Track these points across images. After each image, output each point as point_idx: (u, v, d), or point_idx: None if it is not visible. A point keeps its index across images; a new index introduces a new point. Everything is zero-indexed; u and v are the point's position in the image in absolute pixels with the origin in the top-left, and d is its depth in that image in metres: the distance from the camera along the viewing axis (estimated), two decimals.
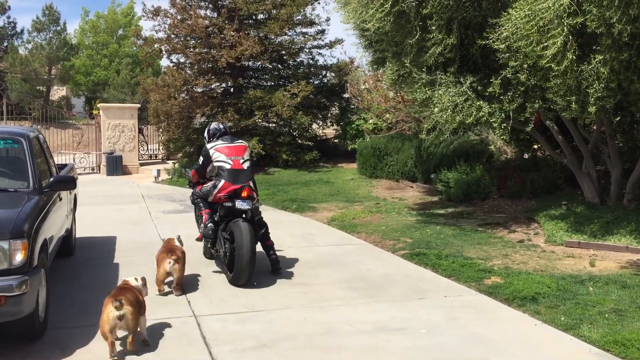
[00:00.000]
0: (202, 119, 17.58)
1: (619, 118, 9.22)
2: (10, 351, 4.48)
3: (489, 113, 7.83)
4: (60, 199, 6.26)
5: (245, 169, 6.57)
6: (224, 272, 6.51)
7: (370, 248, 8.05)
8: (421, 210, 10.63)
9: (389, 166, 14.06)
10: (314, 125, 18.71)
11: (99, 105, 19.67)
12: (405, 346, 4.64)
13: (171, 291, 5.92)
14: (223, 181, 6.45)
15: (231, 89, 18.22)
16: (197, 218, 7.08)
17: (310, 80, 18.16)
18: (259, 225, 6.62)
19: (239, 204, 6.33)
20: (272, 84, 18.22)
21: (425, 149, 12.72)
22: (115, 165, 17.33)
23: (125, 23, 41.92)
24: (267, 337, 4.79)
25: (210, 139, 6.90)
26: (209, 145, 6.74)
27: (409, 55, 8.43)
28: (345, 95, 18.53)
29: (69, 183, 5.93)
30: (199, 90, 17.57)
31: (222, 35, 17.09)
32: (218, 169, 6.57)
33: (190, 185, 7.32)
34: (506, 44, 7.03)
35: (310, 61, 18.70)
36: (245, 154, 6.68)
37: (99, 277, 6.45)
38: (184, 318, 5.23)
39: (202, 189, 6.80)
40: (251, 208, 6.38)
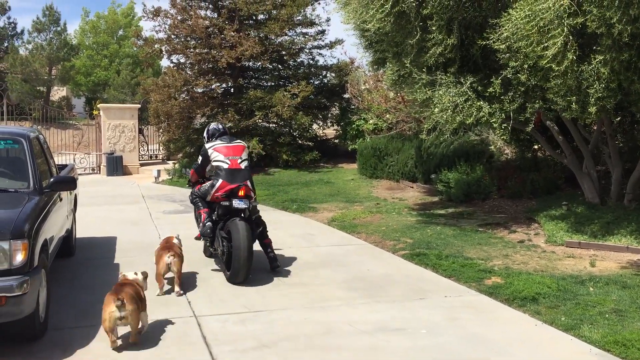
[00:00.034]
0: (203, 120, 17.56)
1: (619, 118, 9.22)
2: (11, 352, 4.48)
3: (489, 113, 7.84)
4: (61, 199, 6.27)
5: (242, 168, 6.63)
6: (223, 270, 6.55)
7: (371, 248, 8.05)
8: (421, 210, 10.63)
9: (389, 166, 14.05)
10: (314, 126, 18.71)
11: (99, 105, 19.67)
12: (405, 346, 4.65)
13: (171, 289, 5.95)
14: (221, 180, 6.51)
15: (231, 89, 18.21)
16: (197, 217, 7.12)
17: (311, 80, 18.15)
18: (257, 224, 6.67)
19: (236, 203, 6.39)
20: (273, 84, 18.21)
21: (425, 149, 12.71)
22: (116, 166, 17.34)
23: (125, 23, 41.93)
24: (268, 338, 4.80)
25: (209, 139, 6.97)
26: (208, 145, 6.81)
27: (410, 56, 8.43)
28: (346, 96, 18.52)
29: (69, 183, 5.95)
30: (199, 90, 17.55)
31: (223, 36, 17.09)
32: (216, 168, 6.63)
33: (190, 184, 7.38)
34: (506, 44, 7.03)
35: (311, 61, 18.71)
36: (243, 153, 6.73)
37: (100, 278, 6.45)
38: (185, 318, 5.23)
39: (201, 189, 6.85)
40: (248, 207, 6.46)
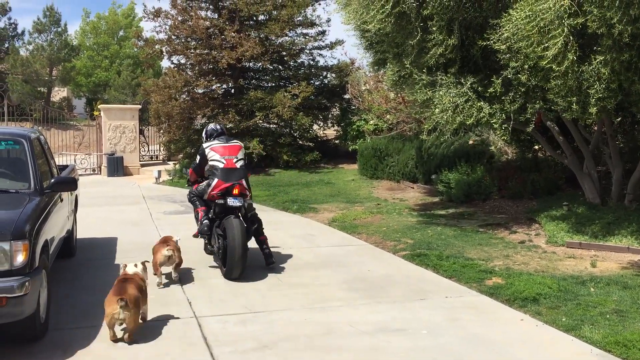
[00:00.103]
0: (203, 120, 17.55)
1: (619, 119, 9.23)
2: (11, 352, 4.48)
3: (489, 114, 7.84)
4: (61, 200, 6.27)
5: (238, 167, 6.76)
6: (219, 267, 6.70)
7: (371, 249, 8.05)
8: (422, 211, 10.63)
9: (389, 167, 14.05)
10: (315, 126, 18.72)
11: (99, 106, 19.67)
12: (406, 347, 4.64)
13: (169, 282, 6.13)
14: (216, 179, 6.65)
15: (232, 90, 18.21)
16: (196, 216, 7.27)
17: (311, 81, 18.16)
18: (252, 222, 6.83)
19: (231, 201, 6.56)
20: (273, 85, 18.22)
21: (426, 149, 12.71)
22: (116, 166, 17.35)
23: (126, 24, 41.98)
24: (268, 338, 4.80)
25: (208, 139, 7.15)
26: (205, 144, 6.99)
27: (410, 56, 8.43)
28: (346, 96, 18.52)
29: (70, 184, 5.97)
30: (199, 91, 17.55)
31: (223, 37, 17.09)
32: (212, 167, 6.78)
33: (189, 184, 7.55)
34: (507, 44, 7.03)
35: (311, 62, 18.73)
36: (239, 153, 6.87)
37: (100, 278, 6.44)
38: (185, 319, 5.23)
39: (198, 188, 7.04)
40: (243, 205, 6.63)
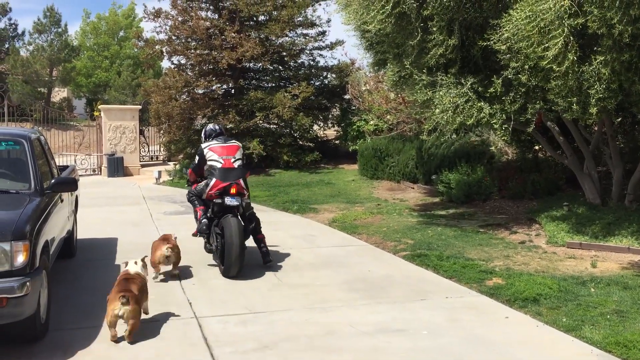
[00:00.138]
0: (203, 121, 17.54)
1: (620, 119, 9.22)
2: (12, 353, 4.48)
3: (489, 114, 7.83)
4: (62, 200, 6.27)
5: (235, 167, 6.83)
6: (218, 265, 6.74)
7: (372, 249, 8.04)
8: (422, 211, 10.63)
9: (390, 167, 14.05)
10: (315, 127, 18.71)
11: (100, 106, 19.66)
12: (406, 347, 4.64)
13: (167, 278, 6.23)
14: (214, 179, 6.71)
15: (232, 90, 18.21)
16: (195, 215, 7.33)
17: (311, 81, 18.16)
18: (249, 220, 6.88)
19: (228, 201, 6.63)
20: (273, 85, 18.22)
21: (426, 150, 12.71)
22: (117, 167, 17.35)
23: (126, 25, 41.96)
24: (269, 339, 4.80)
25: (206, 139, 7.22)
26: (204, 145, 7.05)
27: (410, 57, 8.43)
28: (346, 97, 18.52)
29: (70, 184, 5.97)
30: (200, 91, 17.54)
31: (223, 37, 17.09)
32: (210, 167, 6.84)
33: (189, 184, 7.61)
34: (507, 45, 7.03)
35: (311, 62, 18.72)
36: (237, 153, 6.94)
37: (100, 279, 6.44)
38: (186, 319, 5.23)
39: (197, 187, 7.13)
40: (240, 204, 6.69)
